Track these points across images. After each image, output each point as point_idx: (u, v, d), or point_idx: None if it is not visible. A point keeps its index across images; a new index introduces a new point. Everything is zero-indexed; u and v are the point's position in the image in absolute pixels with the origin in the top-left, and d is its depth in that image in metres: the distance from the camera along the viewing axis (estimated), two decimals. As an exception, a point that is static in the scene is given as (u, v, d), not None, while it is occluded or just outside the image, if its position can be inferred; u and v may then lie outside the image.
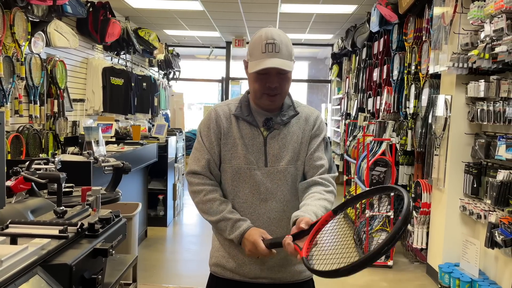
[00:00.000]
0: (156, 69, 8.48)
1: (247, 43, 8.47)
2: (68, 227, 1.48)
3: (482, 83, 3.18)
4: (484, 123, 3.18)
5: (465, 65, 3.27)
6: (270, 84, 1.45)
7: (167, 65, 8.47)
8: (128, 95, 6.05)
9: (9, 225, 1.47)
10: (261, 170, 1.49)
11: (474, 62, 3.10)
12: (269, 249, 1.37)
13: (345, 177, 6.47)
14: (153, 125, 5.87)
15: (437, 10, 3.69)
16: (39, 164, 2.31)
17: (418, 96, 4.17)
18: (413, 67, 4.32)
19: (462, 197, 3.50)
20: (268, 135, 1.51)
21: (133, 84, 6.20)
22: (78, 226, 1.52)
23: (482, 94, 3.18)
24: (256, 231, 1.42)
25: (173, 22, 7.23)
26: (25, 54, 3.77)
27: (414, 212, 4.07)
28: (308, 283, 1.59)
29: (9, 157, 3.40)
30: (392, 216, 4.09)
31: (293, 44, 1.51)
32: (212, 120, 1.54)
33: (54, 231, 1.44)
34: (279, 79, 1.45)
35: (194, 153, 1.57)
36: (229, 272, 1.53)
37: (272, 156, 1.50)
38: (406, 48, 4.48)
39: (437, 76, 3.89)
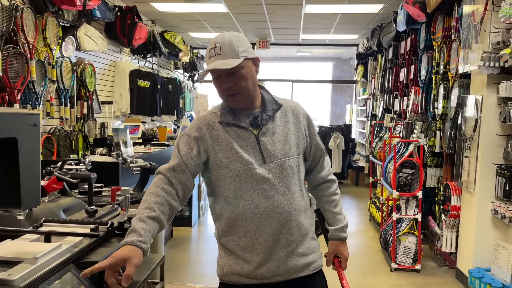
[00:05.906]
0: (181, 71, 8.59)
1: (272, 44, 8.52)
2: (99, 226, 1.52)
3: (514, 83, 3.09)
4: (517, 123, 3.08)
5: (497, 64, 3.17)
6: (223, 86, 1.48)
7: (192, 67, 8.57)
8: (154, 97, 6.15)
9: (43, 223, 1.52)
10: (261, 168, 1.48)
11: (506, 61, 3.01)
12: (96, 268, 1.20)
13: (371, 179, 6.38)
14: (178, 127, 5.95)
15: (466, 8, 3.59)
16: (71, 164, 2.37)
17: (447, 97, 4.08)
18: (441, 67, 4.23)
19: (494, 200, 3.40)
20: (259, 132, 1.51)
21: (159, 86, 6.30)
22: (108, 225, 1.56)
23: (514, 94, 3.09)
24: (123, 253, 1.22)
25: (198, 24, 7.31)
26: (56, 58, 3.89)
27: (443, 215, 3.97)
28: (319, 273, 1.59)
29: (41, 158, 3.50)
30: (419, 220, 4.01)
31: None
32: (199, 128, 1.51)
33: (86, 229, 1.48)
34: (231, 78, 1.47)
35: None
36: (245, 278, 1.51)
37: (268, 152, 1.49)
38: (435, 47, 4.38)
39: (467, 75, 3.79)
